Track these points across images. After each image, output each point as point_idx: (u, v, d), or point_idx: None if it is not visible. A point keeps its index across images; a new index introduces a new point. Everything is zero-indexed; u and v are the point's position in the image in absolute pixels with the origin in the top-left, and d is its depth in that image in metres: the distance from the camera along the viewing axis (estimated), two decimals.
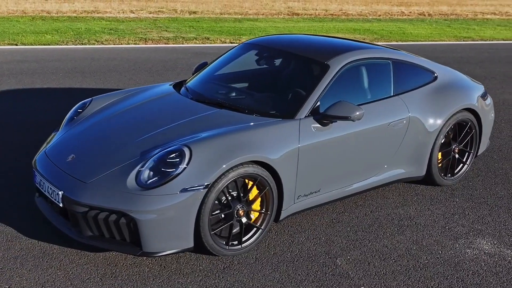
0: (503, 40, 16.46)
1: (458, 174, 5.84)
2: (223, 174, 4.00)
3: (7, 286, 3.82)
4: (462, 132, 5.76)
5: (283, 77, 5.20)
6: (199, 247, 4.10)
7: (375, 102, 5.07)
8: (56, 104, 7.99)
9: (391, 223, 4.99)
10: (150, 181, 3.94)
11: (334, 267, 4.26)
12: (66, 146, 4.55)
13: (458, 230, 4.92)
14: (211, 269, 4.13)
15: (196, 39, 14.05)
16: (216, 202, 4.06)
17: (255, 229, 4.36)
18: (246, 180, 4.22)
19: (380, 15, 21.82)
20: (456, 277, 4.21)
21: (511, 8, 27.24)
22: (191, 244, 4.04)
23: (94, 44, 12.89)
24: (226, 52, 5.87)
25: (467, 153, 5.90)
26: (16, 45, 12.37)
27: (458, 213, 5.24)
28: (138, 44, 13.15)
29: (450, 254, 4.53)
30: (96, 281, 3.93)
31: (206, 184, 3.94)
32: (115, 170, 4.07)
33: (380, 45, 5.94)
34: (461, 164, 5.88)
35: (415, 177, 5.53)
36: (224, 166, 3.99)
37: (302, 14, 20.98)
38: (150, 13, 18.93)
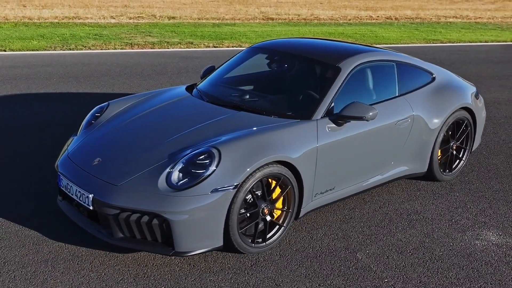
0: (469, 42, 16.75)
1: (455, 170, 5.92)
2: (250, 174, 3.98)
3: None
4: (459, 129, 5.83)
5: (296, 79, 5.18)
6: (227, 245, 4.06)
7: (383, 102, 5.09)
8: (58, 108, 7.85)
9: (401, 217, 5.02)
10: (181, 182, 3.88)
11: (356, 261, 4.26)
12: (90, 149, 4.45)
13: (464, 222, 4.97)
14: (239, 267, 4.09)
15: (180, 43, 13.93)
16: (242, 201, 4.02)
17: (277, 226, 4.33)
18: (270, 180, 4.20)
19: (350, 20, 21.98)
20: (471, 268, 4.25)
21: (470, 12, 27.72)
22: (220, 243, 4.00)
23: (81, 49, 12.67)
24: (234, 55, 5.82)
25: (463, 149, 5.97)
26: (5, 51, 12.10)
27: (460, 206, 5.29)
28: (124, 49, 12.98)
29: (461, 246, 4.57)
30: (130, 281, 3.86)
31: (235, 184, 3.90)
32: (145, 172, 4.00)
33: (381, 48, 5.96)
34: (458, 160, 5.95)
35: (418, 173, 5.59)
36: (252, 166, 3.97)
37: (276, 19, 21.00)
38: (130, 19, 18.71)
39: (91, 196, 3.97)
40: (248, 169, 3.95)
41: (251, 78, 5.59)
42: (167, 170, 3.96)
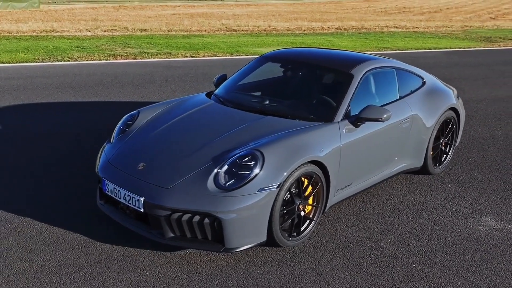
0: (415, 49, 17.12)
1: (443, 164, 6.04)
2: (290, 173, 3.95)
3: None
4: (447, 128, 5.96)
5: (313, 86, 5.17)
6: (269, 240, 4.01)
7: (389, 104, 5.15)
8: (65, 117, 7.59)
9: (408, 208, 5.08)
10: (229, 183, 3.82)
11: (382, 249, 4.29)
12: (131, 155, 4.32)
13: (463, 211, 5.07)
14: (280, 260, 4.05)
15: (159, 54, 13.69)
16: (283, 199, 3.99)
17: (308, 221, 4.32)
18: (303, 178, 4.17)
19: (304, 30, 22.10)
20: (482, 251, 4.34)
21: (406, 22, 28.29)
22: (264, 238, 3.96)
23: (68, 61, 12.27)
24: (246, 64, 5.77)
25: (449, 145, 6.11)
26: None
27: (455, 196, 5.40)
28: (109, 60, 12.65)
29: (467, 231, 4.66)
30: (184, 278, 3.77)
31: (278, 183, 3.87)
32: (193, 175, 3.91)
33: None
34: (445, 155, 6.08)
35: (415, 168, 5.67)
36: (291, 166, 3.95)
37: (238, 30, 20.91)
38: (105, 31, 18.26)
39: (142, 199, 3.85)
40: (288, 169, 3.93)
41: (267, 84, 5.55)
42: (214, 172, 3.89)
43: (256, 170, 3.84)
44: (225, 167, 3.91)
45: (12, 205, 4.74)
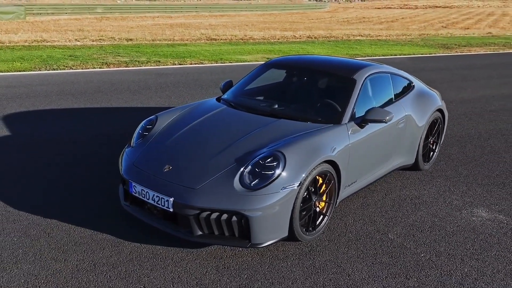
0: (383, 55, 17.31)
1: (431, 160, 6.11)
2: (309, 173, 3.92)
3: (142, 286, 3.49)
4: (434, 127, 6.03)
5: (319, 90, 5.15)
6: (289, 235, 3.97)
7: (387, 106, 5.17)
8: (73, 123, 7.40)
9: (406, 202, 5.11)
10: (253, 183, 3.77)
11: (391, 241, 4.29)
12: (156, 158, 4.22)
13: (456, 203, 5.13)
14: (299, 253, 4.02)
15: (149, 62, 13.50)
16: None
17: (322, 216, 4.30)
18: (317, 177, 4.14)
19: (279, 39, 22.12)
20: (481, 239, 4.39)
21: (369, 31, 28.61)
22: (286, 233, 3.92)
23: (64, 69, 11.99)
24: (252, 71, 5.72)
25: (435, 143, 6.18)
26: None
27: (446, 190, 5.46)
28: (102, 68, 12.41)
29: (464, 222, 4.71)
30: (214, 272, 3.70)
31: (299, 182, 3.84)
32: (219, 176, 3.84)
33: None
34: (432, 152, 6.14)
35: (408, 164, 5.71)
36: (310, 166, 3.92)
37: (218, 39, 20.81)
38: (93, 41, 17.92)
39: (171, 199, 3.77)
40: (307, 169, 3.91)
41: (274, 90, 5.50)
42: (239, 172, 3.84)
43: (279, 170, 3.80)
44: (249, 168, 3.86)
45: (37, 208, 4.59)
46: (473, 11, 55.54)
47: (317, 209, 4.21)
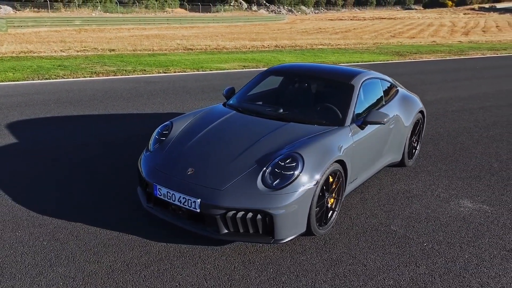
0: (347, 62, 17.47)
1: (414, 157, 6.17)
2: (324, 172, 3.88)
3: (177, 284, 3.36)
4: (417, 127, 6.09)
5: (322, 95, 5.11)
6: (307, 230, 3.92)
7: (380, 109, 5.18)
8: (80, 129, 7.11)
9: (399, 196, 5.13)
10: (275, 182, 3.69)
11: (394, 232, 4.29)
12: (178, 162, 4.08)
13: (443, 196, 5.18)
14: (315, 247, 3.97)
15: (135, 71, 13.18)
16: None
17: (331, 211, 4.26)
18: (329, 175, 4.10)
19: (249, 48, 22.05)
20: (472, 228, 4.44)
21: (329, 41, 28.88)
22: (304, 229, 3.86)
23: (56, 78, 11.57)
24: (254, 77, 5.63)
25: (417, 142, 6.24)
26: None
27: (431, 184, 5.52)
28: (92, 77, 12.04)
29: (454, 213, 4.76)
30: (242, 268, 3.61)
31: (316, 181, 3.78)
32: (242, 177, 3.75)
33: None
34: (414, 150, 6.21)
35: (395, 161, 5.74)
36: (325, 165, 3.87)
37: (194, 49, 20.55)
38: (77, 51, 17.40)
39: (198, 200, 3.65)
40: (323, 168, 3.86)
41: (278, 95, 5.43)
42: (261, 173, 3.76)
43: (298, 171, 3.73)
44: (270, 169, 3.78)
45: (59, 212, 4.38)
46: (414, 22, 56.92)
47: (328, 205, 4.16)
